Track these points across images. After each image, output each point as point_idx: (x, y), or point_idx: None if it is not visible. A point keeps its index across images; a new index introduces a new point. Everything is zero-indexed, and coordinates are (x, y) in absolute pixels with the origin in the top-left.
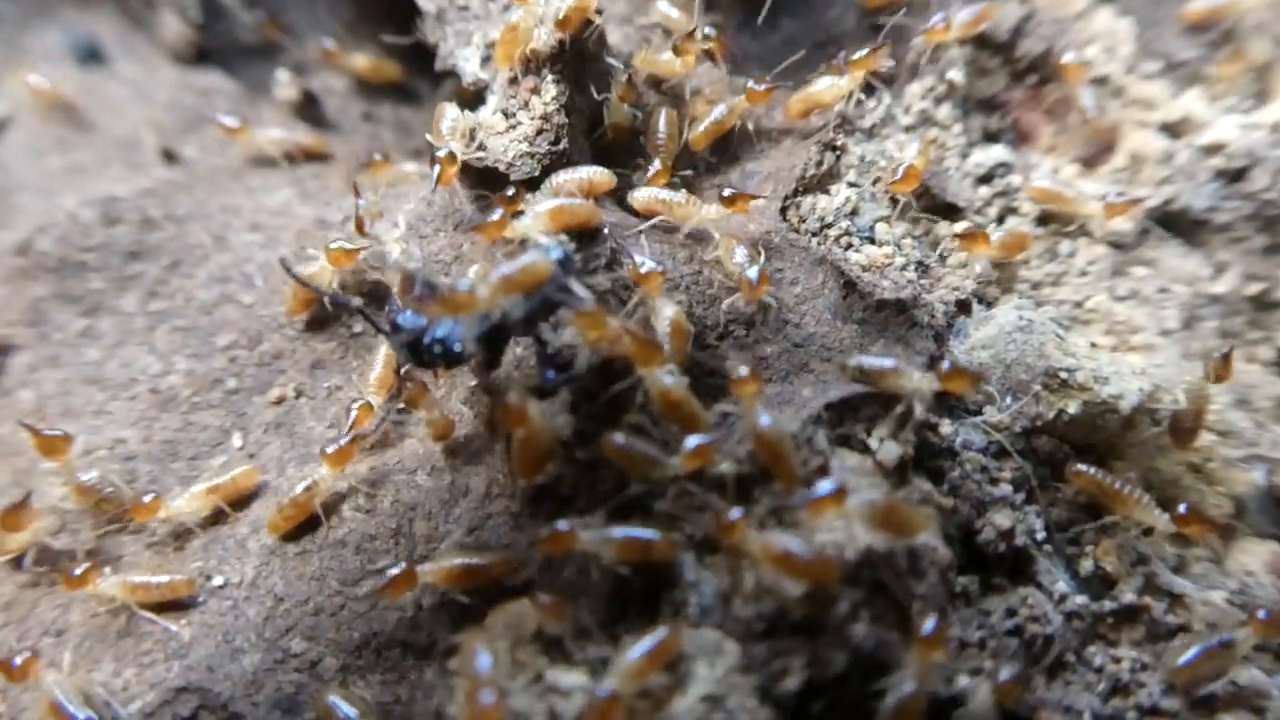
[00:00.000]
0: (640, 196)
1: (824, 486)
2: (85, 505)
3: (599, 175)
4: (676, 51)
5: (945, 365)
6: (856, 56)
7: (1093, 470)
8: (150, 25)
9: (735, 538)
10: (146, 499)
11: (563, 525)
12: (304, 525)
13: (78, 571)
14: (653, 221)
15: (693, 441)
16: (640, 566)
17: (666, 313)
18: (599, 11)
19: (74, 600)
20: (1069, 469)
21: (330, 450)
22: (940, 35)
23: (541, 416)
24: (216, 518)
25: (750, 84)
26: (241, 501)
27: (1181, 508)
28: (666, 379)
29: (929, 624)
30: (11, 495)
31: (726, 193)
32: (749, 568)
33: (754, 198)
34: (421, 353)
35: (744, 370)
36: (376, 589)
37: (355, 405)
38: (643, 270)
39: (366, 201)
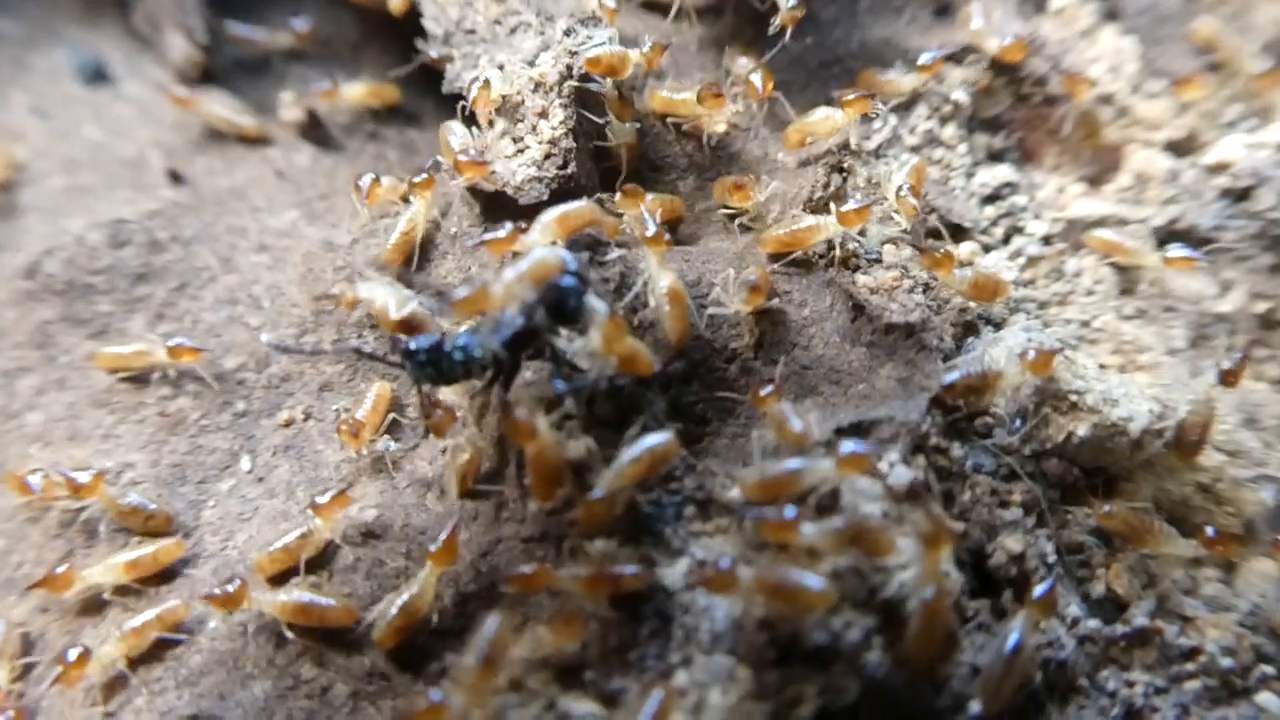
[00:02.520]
0: (772, 237)
1: (784, 511)
2: (134, 526)
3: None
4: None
5: (1031, 353)
6: (850, 98)
7: (1123, 509)
8: (156, 46)
9: (727, 588)
10: (60, 570)
11: (526, 569)
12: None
13: (72, 658)
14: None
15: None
16: (616, 600)
17: (663, 282)
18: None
19: (83, 627)
20: (1099, 512)
21: (321, 500)
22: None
23: (551, 432)
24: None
25: (734, 183)
26: (162, 575)
27: (1209, 530)
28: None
29: (929, 528)
30: (21, 519)
31: (845, 208)
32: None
33: (869, 210)
34: (442, 364)
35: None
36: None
37: (350, 421)
38: (649, 234)
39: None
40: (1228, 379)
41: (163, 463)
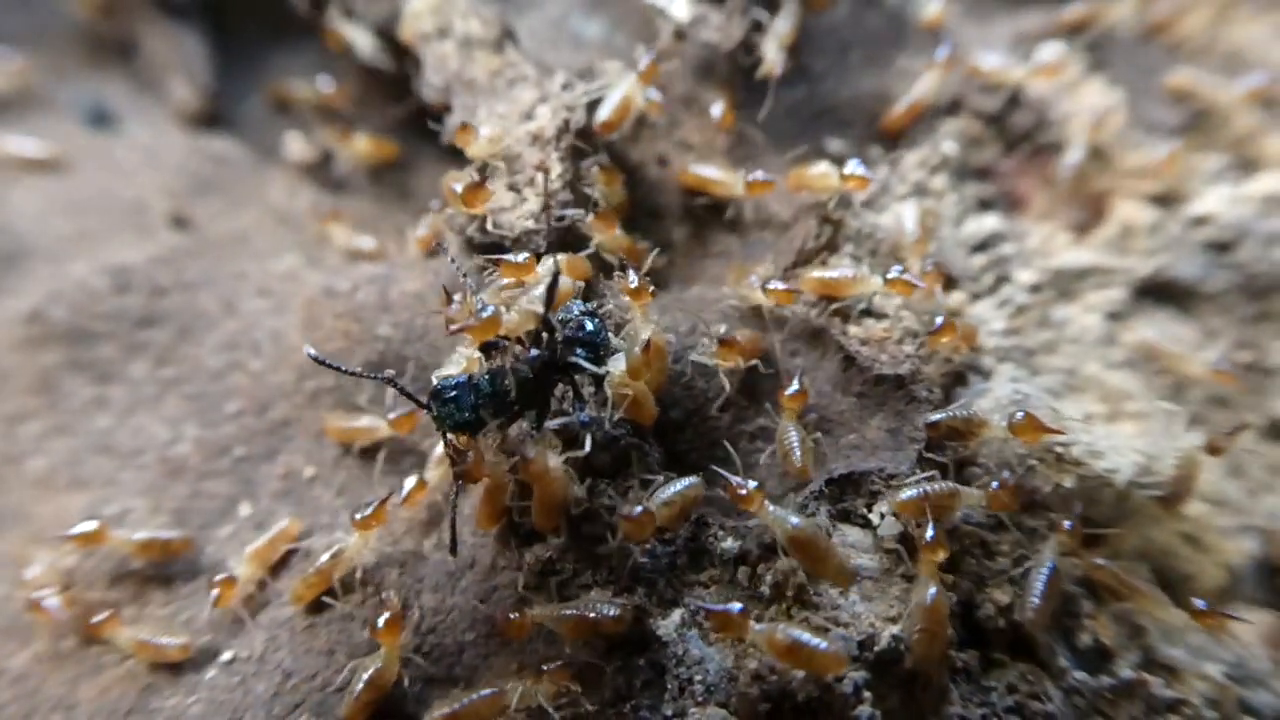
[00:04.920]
0: (814, 278)
1: (748, 484)
2: (154, 557)
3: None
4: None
5: (1019, 416)
6: (848, 172)
7: (1112, 565)
8: (161, 89)
9: (739, 632)
10: None
11: (514, 614)
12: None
13: (96, 620)
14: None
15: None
16: (598, 641)
17: (644, 334)
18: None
19: (82, 675)
20: (1088, 562)
21: (359, 516)
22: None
23: (559, 469)
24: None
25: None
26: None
27: (1200, 603)
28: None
29: (929, 532)
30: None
31: (891, 275)
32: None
33: (915, 286)
34: (466, 399)
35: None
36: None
37: (219, 579)
38: (633, 285)
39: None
40: (1213, 449)
41: (163, 508)
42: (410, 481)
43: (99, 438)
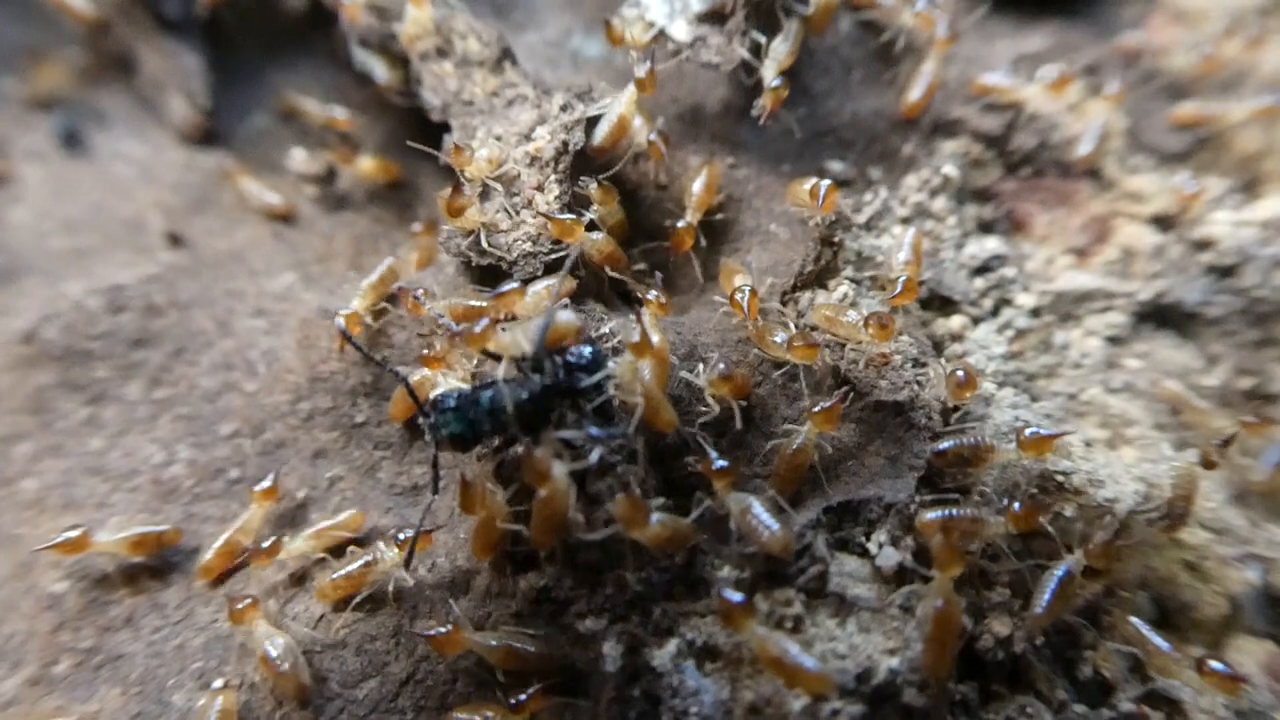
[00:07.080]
0: (822, 315)
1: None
2: (147, 553)
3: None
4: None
5: (1029, 432)
6: (818, 189)
7: (1142, 627)
8: (159, 106)
9: (739, 625)
10: None
11: (443, 630)
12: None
13: None
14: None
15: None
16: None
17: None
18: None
19: (74, 700)
20: (1116, 619)
21: (401, 538)
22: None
23: (564, 478)
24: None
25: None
26: None
27: (1217, 665)
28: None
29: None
30: (13, 588)
31: (879, 351)
32: (748, 673)
33: (889, 359)
34: (468, 412)
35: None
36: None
37: None
38: (650, 298)
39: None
40: (1208, 462)
41: None
42: (267, 541)
43: (92, 459)
